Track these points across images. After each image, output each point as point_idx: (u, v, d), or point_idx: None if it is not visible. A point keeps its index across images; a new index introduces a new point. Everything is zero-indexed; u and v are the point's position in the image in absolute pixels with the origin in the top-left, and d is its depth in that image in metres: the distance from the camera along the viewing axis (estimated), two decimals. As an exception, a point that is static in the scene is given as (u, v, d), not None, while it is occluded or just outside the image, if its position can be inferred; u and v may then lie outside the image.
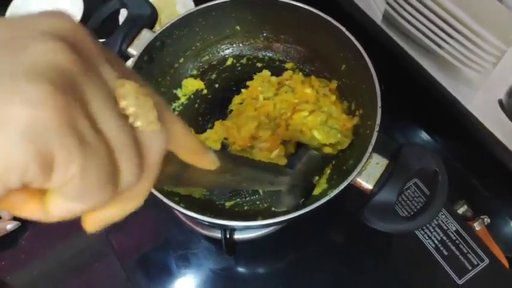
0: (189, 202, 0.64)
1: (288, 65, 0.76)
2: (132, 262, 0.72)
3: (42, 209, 0.22)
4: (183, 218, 0.72)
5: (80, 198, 0.21)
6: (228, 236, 0.65)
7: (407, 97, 0.83)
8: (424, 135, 0.84)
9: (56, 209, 0.22)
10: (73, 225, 0.29)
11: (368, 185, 0.55)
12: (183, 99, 0.75)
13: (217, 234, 0.68)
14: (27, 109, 0.18)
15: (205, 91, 0.76)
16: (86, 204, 0.21)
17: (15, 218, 0.77)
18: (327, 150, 0.65)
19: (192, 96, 0.75)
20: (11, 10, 1.00)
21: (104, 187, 0.21)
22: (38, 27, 0.21)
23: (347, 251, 0.72)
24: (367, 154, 0.55)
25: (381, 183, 0.55)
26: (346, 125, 0.66)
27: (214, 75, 0.77)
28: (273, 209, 0.65)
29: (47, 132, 0.18)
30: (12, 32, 0.20)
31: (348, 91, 0.70)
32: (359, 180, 0.55)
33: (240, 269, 0.71)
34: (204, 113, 0.74)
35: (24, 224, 0.77)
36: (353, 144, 0.65)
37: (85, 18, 0.96)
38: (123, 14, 0.93)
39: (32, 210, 0.22)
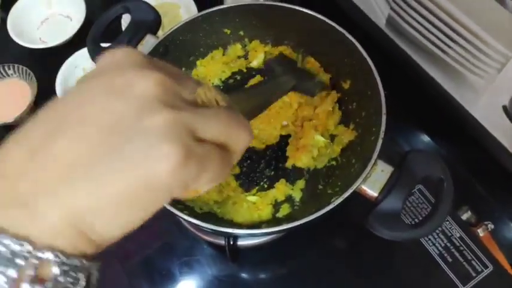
0: (193, 209, 0.64)
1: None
2: (135, 267, 0.72)
3: (195, 193, 0.31)
4: (187, 225, 0.72)
5: (214, 181, 0.30)
6: (231, 243, 0.65)
7: (411, 102, 0.83)
8: (428, 141, 0.84)
9: (203, 191, 0.31)
10: None
11: (373, 193, 0.55)
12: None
13: (221, 241, 0.68)
14: (166, 162, 0.26)
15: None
16: (219, 181, 0.30)
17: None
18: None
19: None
20: (12, 13, 1.00)
21: (225, 169, 0.30)
22: (137, 93, 0.27)
23: (350, 257, 0.72)
24: (372, 161, 0.55)
25: (386, 191, 0.54)
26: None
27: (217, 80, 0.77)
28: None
29: (181, 172, 0.26)
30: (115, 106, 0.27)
31: (352, 97, 0.70)
32: (364, 187, 0.55)
33: (244, 276, 0.71)
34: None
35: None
36: (358, 151, 0.65)
37: (87, 23, 0.95)
38: (125, 19, 0.92)
39: (189, 196, 0.32)
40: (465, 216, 0.73)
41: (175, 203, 0.63)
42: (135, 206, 0.27)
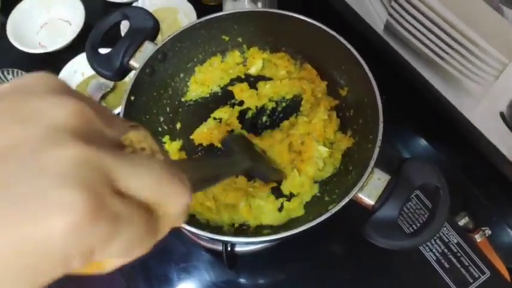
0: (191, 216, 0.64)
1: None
2: (133, 273, 0.72)
3: (98, 268, 0.23)
4: (184, 231, 0.72)
5: (128, 254, 0.23)
6: (229, 249, 0.65)
7: (409, 108, 0.83)
8: (426, 146, 0.84)
9: (109, 267, 0.24)
10: None
11: (370, 201, 0.55)
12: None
13: (219, 247, 0.68)
14: (65, 217, 0.19)
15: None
16: (135, 255, 0.23)
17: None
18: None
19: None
20: (12, 18, 1.00)
21: (148, 239, 0.23)
22: (46, 121, 0.21)
23: (348, 263, 0.72)
24: (369, 169, 0.55)
25: (382, 199, 0.54)
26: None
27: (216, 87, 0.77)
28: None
29: (85, 234, 0.19)
30: (22, 123, 0.21)
31: (349, 104, 0.70)
32: (360, 195, 0.55)
33: (241, 282, 0.71)
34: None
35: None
36: (355, 158, 0.65)
37: (86, 28, 0.96)
38: (124, 24, 0.93)
39: (88, 271, 0.23)
40: (462, 222, 0.73)
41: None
42: (10, 277, 0.19)
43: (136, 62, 0.67)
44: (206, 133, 0.72)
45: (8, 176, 0.19)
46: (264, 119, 0.73)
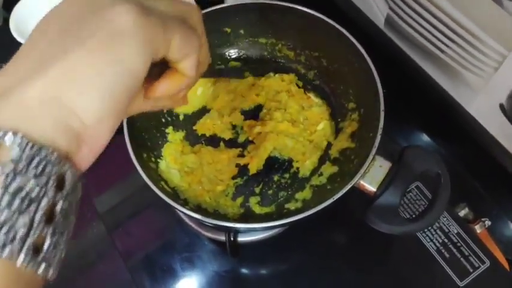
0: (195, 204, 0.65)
1: (291, 75, 0.77)
2: (136, 263, 0.72)
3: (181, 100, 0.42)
4: (188, 220, 0.72)
5: (188, 49, 0.34)
6: (232, 239, 0.66)
7: (409, 101, 0.83)
8: (426, 138, 0.85)
9: (184, 67, 0.35)
10: (77, 226, 0.31)
11: (371, 188, 0.56)
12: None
13: (222, 237, 0.69)
14: (126, 16, 0.29)
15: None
16: (194, 50, 0.35)
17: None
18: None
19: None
20: (15, 12, 1.00)
21: (194, 36, 0.35)
22: None
23: (350, 253, 0.72)
24: (371, 157, 0.56)
25: (384, 186, 0.55)
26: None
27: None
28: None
29: (145, 24, 0.30)
30: None
31: (350, 94, 0.71)
32: (362, 182, 0.56)
33: (244, 271, 0.72)
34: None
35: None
36: (356, 147, 0.66)
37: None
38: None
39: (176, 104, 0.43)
40: (462, 213, 0.74)
41: (176, 197, 0.64)
42: (111, 73, 0.29)
43: (139, 53, 0.68)
44: (209, 124, 0.73)
45: (88, 12, 0.30)
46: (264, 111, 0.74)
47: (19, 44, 0.92)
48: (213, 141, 0.72)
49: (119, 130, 0.60)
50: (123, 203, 0.78)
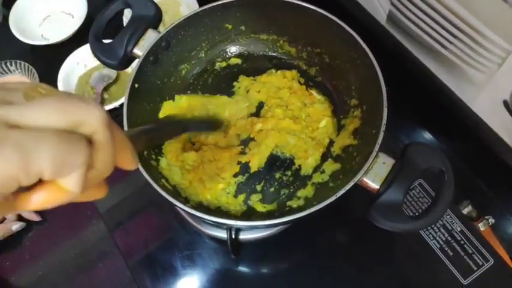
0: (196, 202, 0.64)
1: (293, 71, 0.77)
2: (137, 262, 0.72)
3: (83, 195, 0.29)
4: (188, 218, 0.72)
5: (69, 170, 0.28)
6: (233, 237, 0.65)
7: (412, 98, 0.83)
8: (429, 136, 0.84)
9: (70, 183, 0.28)
10: (77, 225, 0.31)
11: (374, 185, 0.55)
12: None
13: (223, 235, 0.68)
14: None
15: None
16: (80, 171, 0.28)
17: (20, 219, 0.77)
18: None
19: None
20: (15, 10, 1.00)
21: (78, 154, 0.28)
22: None
23: (351, 252, 0.72)
24: (374, 153, 0.55)
25: (387, 183, 0.54)
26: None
27: (220, 75, 0.77)
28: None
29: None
30: None
31: (353, 91, 0.70)
32: (365, 179, 0.55)
33: (245, 270, 0.71)
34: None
35: (29, 225, 0.77)
36: (359, 144, 0.65)
37: (89, 20, 0.96)
38: (127, 15, 0.93)
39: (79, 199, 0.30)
40: (466, 210, 0.73)
41: (177, 195, 0.63)
42: None
43: (139, 50, 0.67)
44: None
45: None
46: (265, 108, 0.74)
47: (18, 41, 0.92)
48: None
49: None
50: (124, 202, 0.78)
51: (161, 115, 0.72)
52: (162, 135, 0.51)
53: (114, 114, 0.86)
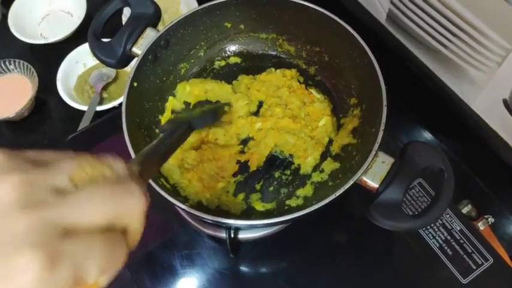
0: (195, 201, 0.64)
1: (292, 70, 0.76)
2: (137, 262, 0.72)
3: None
4: (187, 218, 0.72)
5: (110, 270, 0.27)
6: (232, 236, 0.65)
7: (411, 97, 0.83)
8: (429, 135, 0.84)
9: (103, 283, 0.28)
10: None
11: (374, 184, 0.55)
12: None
13: (222, 234, 0.68)
14: (26, 276, 0.23)
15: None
16: (116, 267, 0.28)
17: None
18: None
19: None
20: (14, 9, 1.00)
21: (119, 250, 0.28)
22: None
23: (351, 251, 0.72)
24: (373, 152, 0.55)
25: (386, 182, 0.54)
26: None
27: (218, 74, 0.77)
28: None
29: (51, 281, 0.24)
30: None
31: (352, 90, 0.70)
32: (365, 178, 0.55)
33: (244, 269, 0.71)
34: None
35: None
36: (358, 143, 0.65)
37: (88, 19, 0.96)
38: (126, 14, 0.93)
39: None
40: (465, 210, 0.73)
41: (176, 194, 0.63)
42: None
43: (138, 49, 0.67)
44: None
45: None
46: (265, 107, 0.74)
47: (17, 40, 0.92)
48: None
49: (118, 129, 0.59)
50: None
51: (167, 112, 0.72)
52: (171, 147, 0.49)
53: (113, 113, 0.85)
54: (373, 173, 0.55)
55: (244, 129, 0.71)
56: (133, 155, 0.58)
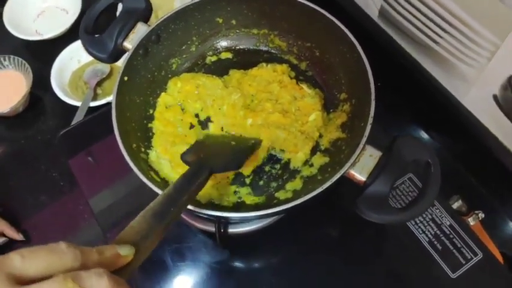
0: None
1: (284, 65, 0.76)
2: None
3: None
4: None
5: None
6: (221, 230, 0.65)
7: (403, 93, 0.83)
8: (420, 131, 0.84)
9: None
10: (72, 225, 0.32)
11: (361, 177, 0.55)
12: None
13: (213, 228, 0.68)
14: None
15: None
16: None
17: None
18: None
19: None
20: (9, 6, 1.00)
21: None
22: None
23: (341, 245, 0.72)
24: (361, 146, 0.55)
25: (374, 175, 0.54)
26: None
27: (209, 69, 0.77)
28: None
29: None
30: None
31: (342, 85, 0.70)
32: (352, 171, 0.55)
33: (236, 263, 0.71)
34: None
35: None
36: (347, 137, 0.65)
37: (83, 16, 0.95)
38: (120, 9, 0.93)
39: None
40: (456, 205, 0.73)
41: (166, 187, 0.63)
42: None
43: (129, 44, 0.68)
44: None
45: None
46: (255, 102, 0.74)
47: (12, 37, 0.92)
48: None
49: (111, 124, 0.59)
50: (118, 203, 0.78)
51: (159, 107, 0.72)
52: (185, 204, 0.51)
53: (106, 109, 0.86)
54: (361, 167, 0.56)
55: (235, 126, 0.71)
56: (122, 148, 0.58)
